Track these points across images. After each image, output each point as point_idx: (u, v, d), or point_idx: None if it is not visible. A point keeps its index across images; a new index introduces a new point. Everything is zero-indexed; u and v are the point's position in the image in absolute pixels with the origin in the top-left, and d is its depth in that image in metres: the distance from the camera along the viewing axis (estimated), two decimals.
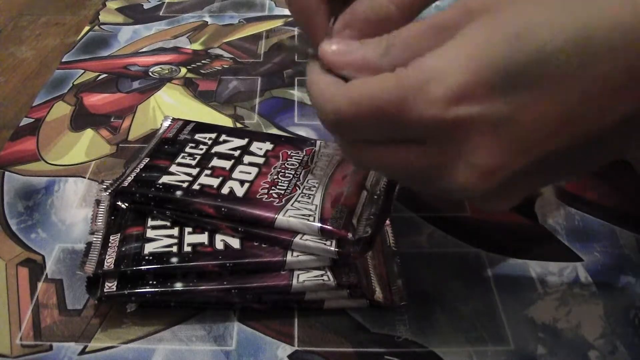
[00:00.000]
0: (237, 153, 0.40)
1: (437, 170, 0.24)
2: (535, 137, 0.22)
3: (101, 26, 0.68)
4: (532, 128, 0.22)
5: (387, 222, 0.39)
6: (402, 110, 0.23)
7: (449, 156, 0.24)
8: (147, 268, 0.34)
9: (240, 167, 0.38)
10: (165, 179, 0.38)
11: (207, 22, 0.68)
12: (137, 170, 0.39)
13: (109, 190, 0.38)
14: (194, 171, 0.38)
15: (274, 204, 0.35)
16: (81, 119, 0.52)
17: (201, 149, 0.40)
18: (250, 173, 0.38)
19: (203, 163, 0.39)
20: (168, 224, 0.36)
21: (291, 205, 0.35)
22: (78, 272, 0.35)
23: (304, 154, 0.40)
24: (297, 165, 0.39)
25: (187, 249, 0.35)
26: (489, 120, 0.22)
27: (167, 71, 0.59)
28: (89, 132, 0.51)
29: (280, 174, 0.38)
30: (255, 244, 0.35)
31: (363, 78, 0.24)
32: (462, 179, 0.24)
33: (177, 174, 0.38)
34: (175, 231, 0.36)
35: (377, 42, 0.25)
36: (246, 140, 0.41)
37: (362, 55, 0.25)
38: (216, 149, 0.41)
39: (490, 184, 0.24)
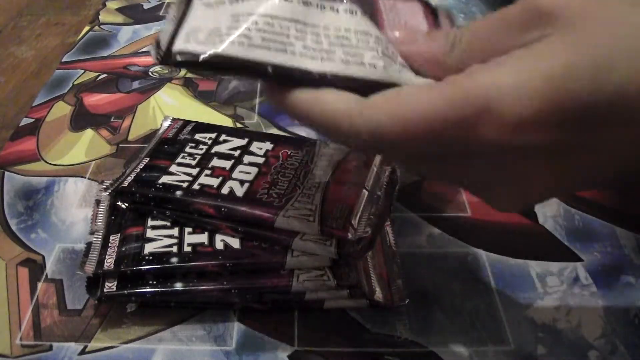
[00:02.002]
0: (237, 153, 0.40)
1: (486, 186, 0.23)
2: (590, 174, 0.21)
3: (101, 26, 0.68)
4: (589, 166, 0.20)
5: (387, 222, 0.39)
6: (460, 129, 0.20)
7: (498, 178, 0.22)
8: (147, 268, 0.34)
9: (240, 167, 0.38)
10: (165, 179, 0.38)
11: None
12: (137, 170, 0.39)
13: (109, 190, 0.38)
14: (194, 171, 0.38)
15: (274, 204, 0.35)
16: (81, 119, 0.52)
17: (201, 149, 0.40)
18: (250, 173, 0.38)
19: (203, 163, 0.39)
20: (168, 224, 0.36)
21: (291, 205, 0.35)
22: (78, 272, 0.35)
23: (304, 154, 0.40)
24: (297, 165, 0.39)
25: (187, 249, 0.35)
26: (551, 151, 0.20)
27: (167, 71, 0.59)
28: (89, 132, 0.51)
29: (280, 174, 0.38)
30: (255, 244, 0.35)
31: (404, 90, 0.21)
32: (505, 205, 0.23)
33: (177, 174, 0.38)
34: (175, 231, 0.36)
35: (445, 35, 0.23)
36: (246, 140, 0.41)
37: (428, 47, 0.23)
38: (216, 149, 0.41)
39: (530, 204, 0.24)
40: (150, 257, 0.34)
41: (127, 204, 0.38)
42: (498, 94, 0.19)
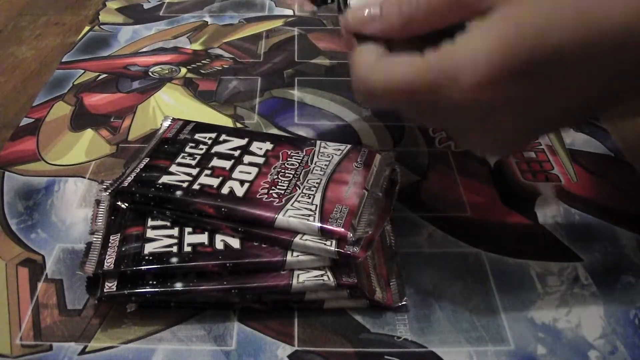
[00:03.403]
0: (237, 153, 0.40)
1: (460, 134, 0.30)
2: (549, 115, 0.27)
3: (101, 26, 0.68)
4: (545, 108, 0.26)
5: (387, 222, 0.39)
6: (434, 93, 0.26)
7: (470, 126, 0.28)
8: (147, 268, 0.34)
9: (240, 167, 0.38)
10: (165, 179, 0.38)
11: (207, 22, 0.68)
12: (137, 170, 0.39)
13: (109, 190, 0.38)
14: (194, 171, 0.38)
15: (274, 204, 0.35)
16: (81, 119, 0.52)
17: (201, 149, 0.40)
18: (250, 173, 0.38)
19: (203, 163, 0.39)
20: (168, 224, 0.36)
21: (291, 205, 0.35)
22: (78, 272, 0.35)
23: (304, 154, 0.40)
24: (297, 165, 0.39)
25: (187, 249, 0.35)
26: (512, 98, 0.25)
27: (167, 71, 0.59)
28: (89, 132, 0.51)
29: (280, 174, 0.38)
30: (255, 244, 0.35)
31: (401, 57, 0.27)
32: (482, 149, 0.31)
33: (177, 174, 0.38)
34: (175, 231, 0.36)
35: (398, 11, 0.28)
36: (246, 140, 0.41)
37: (384, 25, 0.29)
38: (216, 148, 0.41)
39: (508, 152, 0.31)
40: (150, 257, 0.34)
41: (127, 204, 0.38)
42: (462, 62, 0.25)
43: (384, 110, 0.46)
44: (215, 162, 0.39)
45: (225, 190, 0.36)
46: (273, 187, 0.36)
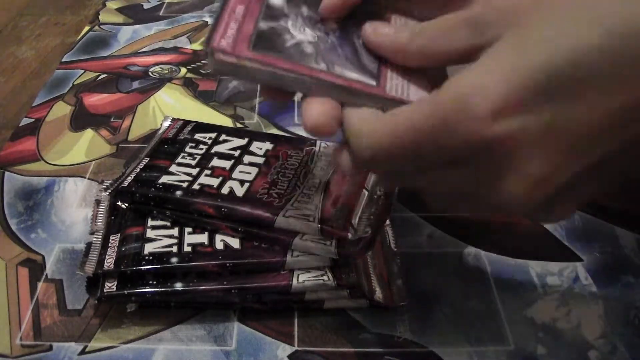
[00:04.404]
0: (237, 153, 0.40)
1: (486, 187, 0.24)
2: (582, 142, 0.22)
3: (101, 26, 0.68)
4: (578, 133, 0.22)
5: (387, 222, 0.39)
6: (445, 133, 0.22)
7: (499, 171, 0.23)
8: (147, 268, 0.34)
9: (240, 167, 0.38)
10: (165, 179, 0.38)
11: (207, 22, 0.68)
12: (137, 170, 0.39)
13: (109, 190, 0.38)
14: (194, 171, 0.38)
15: (274, 204, 0.35)
16: (81, 119, 0.52)
17: (201, 149, 0.40)
18: (250, 173, 0.38)
19: (203, 163, 0.39)
20: (168, 224, 0.36)
21: (291, 205, 0.35)
22: (78, 272, 0.35)
23: (304, 154, 0.40)
24: (297, 165, 0.39)
25: (187, 249, 0.35)
26: (536, 129, 0.21)
27: (167, 71, 0.59)
28: (89, 132, 0.51)
29: (280, 174, 0.38)
30: (255, 244, 0.35)
31: (399, 109, 0.24)
32: (514, 191, 0.23)
33: (177, 174, 0.38)
34: (175, 231, 0.36)
35: (409, 28, 0.26)
36: (246, 140, 0.41)
37: (394, 38, 0.26)
38: (216, 148, 0.41)
39: (543, 193, 0.23)
40: (150, 257, 0.34)
41: (127, 204, 0.38)
42: (471, 90, 0.21)
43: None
44: (215, 162, 0.39)
45: (225, 190, 0.36)
46: (273, 187, 0.36)
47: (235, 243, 0.35)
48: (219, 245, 0.35)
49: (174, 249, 0.35)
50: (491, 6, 0.23)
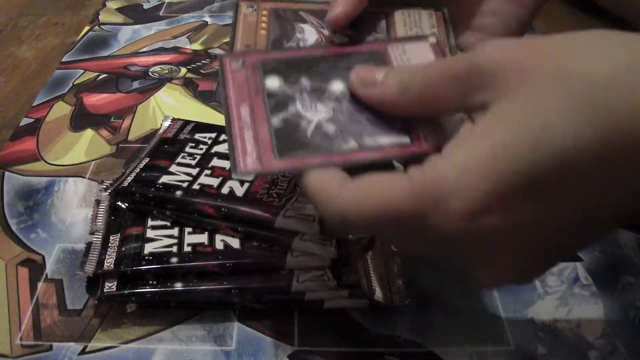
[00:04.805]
0: None
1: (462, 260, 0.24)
2: (558, 237, 0.22)
3: (101, 26, 0.68)
4: (556, 229, 0.21)
5: None
6: (418, 220, 0.21)
7: (471, 258, 0.23)
8: (147, 268, 0.34)
9: None
10: (165, 178, 0.38)
11: (207, 22, 0.68)
12: (137, 170, 0.39)
13: (109, 190, 0.38)
14: (194, 171, 0.38)
15: (274, 204, 0.35)
16: (81, 119, 0.52)
17: (201, 149, 0.40)
18: None
19: (203, 163, 0.39)
20: (168, 224, 0.36)
21: (291, 205, 0.35)
22: (78, 272, 0.35)
23: None
24: None
25: (187, 249, 0.35)
26: (510, 227, 0.21)
27: (167, 71, 0.59)
28: (89, 132, 0.51)
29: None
30: (255, 244, 0.35)
31: (374, 180, 0.23)
32: (486, 281, 0.23)
33: (177, 174, 0.38)
34: (175, 231, 0.36)
35: (399, 81, 0.25)
36: None
37: (382, 93, 0.25)
38: (216, 148, 0.41)
39: (518, 280, 0.24)
40: (150, 257, 0.34)
41: (127, 204, 0.38)
42: (449, 187, 0.21)
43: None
44: (215, 162, 0.39)
45: (225, 190, 0.36)
46: (273, 187, 0.36)
47: (235, 243, 0.35)
48: (219, 245, 0.35)
49: (174, 249, 0.35)
50: (485, 57, 0.22)
